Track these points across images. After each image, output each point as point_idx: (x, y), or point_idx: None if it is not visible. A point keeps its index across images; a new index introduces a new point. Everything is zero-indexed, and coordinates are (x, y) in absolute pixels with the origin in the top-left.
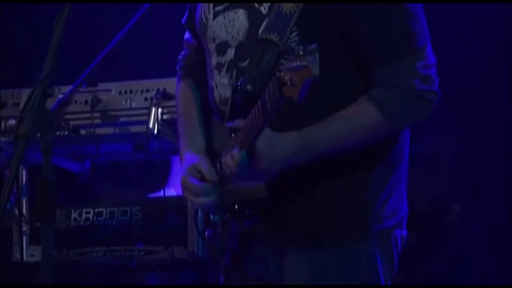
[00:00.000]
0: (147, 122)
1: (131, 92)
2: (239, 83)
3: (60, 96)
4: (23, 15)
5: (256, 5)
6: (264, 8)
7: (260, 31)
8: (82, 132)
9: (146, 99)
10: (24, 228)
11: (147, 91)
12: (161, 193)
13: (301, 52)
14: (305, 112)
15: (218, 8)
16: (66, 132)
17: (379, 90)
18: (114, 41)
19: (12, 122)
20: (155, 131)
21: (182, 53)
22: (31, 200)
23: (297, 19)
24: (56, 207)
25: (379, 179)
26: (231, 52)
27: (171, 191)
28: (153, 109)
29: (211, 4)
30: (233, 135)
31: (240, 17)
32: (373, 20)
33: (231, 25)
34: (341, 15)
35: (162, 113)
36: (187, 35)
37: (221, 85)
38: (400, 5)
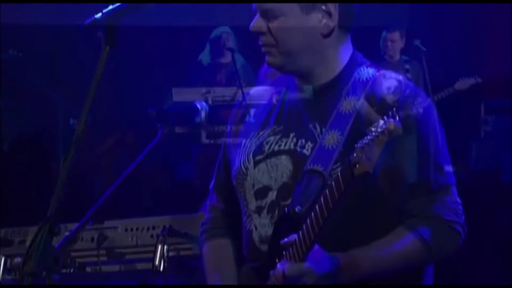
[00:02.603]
0: (153, 259)
1: (137, 229)
2: (286, 209)
3: (66, 233)
4: (29, 156)
5: (298, 149)
6: (307, 150)
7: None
8: (88, 269)
9: (152, 236)
10: None
11: (153, 228)
12: None
13: (372, 128)
14: (337, 239)
15: (259, 157)
16: (72, 270)
17: (415, 221)
18: (120, 179)
19: (18, 260)
20: (161, 268)
21: (206, 217)
22: None
23: (340, 153)
24: None
25: None
26: (272, 194)
27: None
28: (159, 246)
29: (251, 155)
30: (276, 259)
31: (283, 162)
32: (411, 156)
33: (274, 170)
34: None
35: (168, 250)
36: (211, 200)
37: (261, 226)
38: (435, 147)
